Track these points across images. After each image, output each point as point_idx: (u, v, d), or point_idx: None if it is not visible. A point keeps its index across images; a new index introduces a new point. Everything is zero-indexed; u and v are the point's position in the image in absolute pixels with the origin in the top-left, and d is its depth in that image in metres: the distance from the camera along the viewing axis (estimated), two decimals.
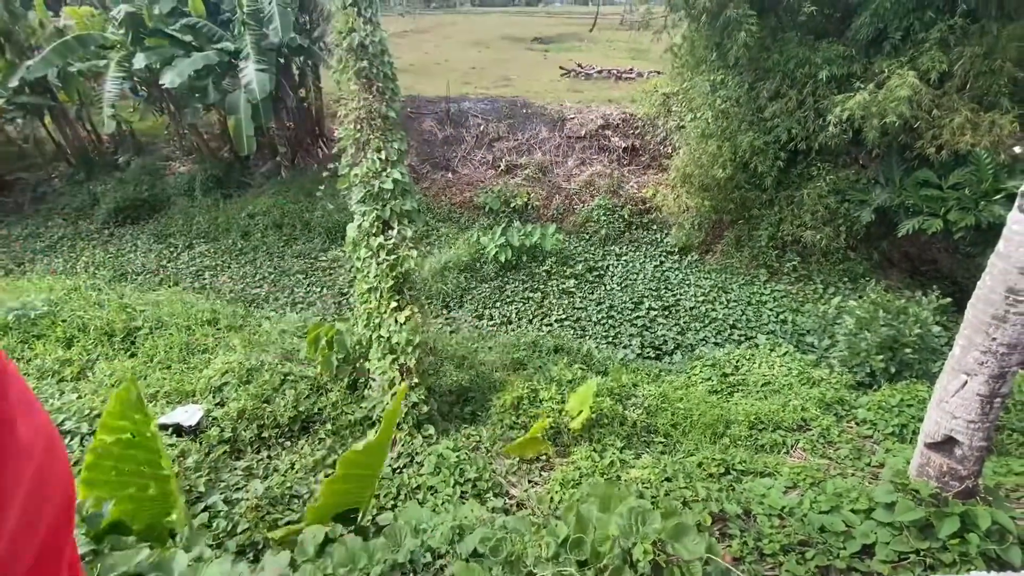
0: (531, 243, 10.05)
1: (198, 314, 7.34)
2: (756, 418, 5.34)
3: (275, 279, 10.53)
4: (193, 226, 12.32)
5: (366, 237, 5.23)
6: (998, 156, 7.40)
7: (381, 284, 5.05)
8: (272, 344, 6.55)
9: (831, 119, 7.83)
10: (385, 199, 5.26)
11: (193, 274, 10.89)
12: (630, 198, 11.74)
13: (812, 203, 8.76)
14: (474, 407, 5.47)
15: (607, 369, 6.57)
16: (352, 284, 7.18)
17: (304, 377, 5.54)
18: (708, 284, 9.48)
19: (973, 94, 7.49)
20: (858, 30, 8.00)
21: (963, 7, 7.28)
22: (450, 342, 7.26)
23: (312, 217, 11.85)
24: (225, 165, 13.78)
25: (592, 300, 9.33)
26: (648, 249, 10.73)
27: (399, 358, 4.78)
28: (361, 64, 5.44)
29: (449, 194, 12.65)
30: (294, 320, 7.77)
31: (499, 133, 13.73)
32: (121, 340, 6.72)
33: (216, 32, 12.10)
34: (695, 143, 9.59)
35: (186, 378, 5.73)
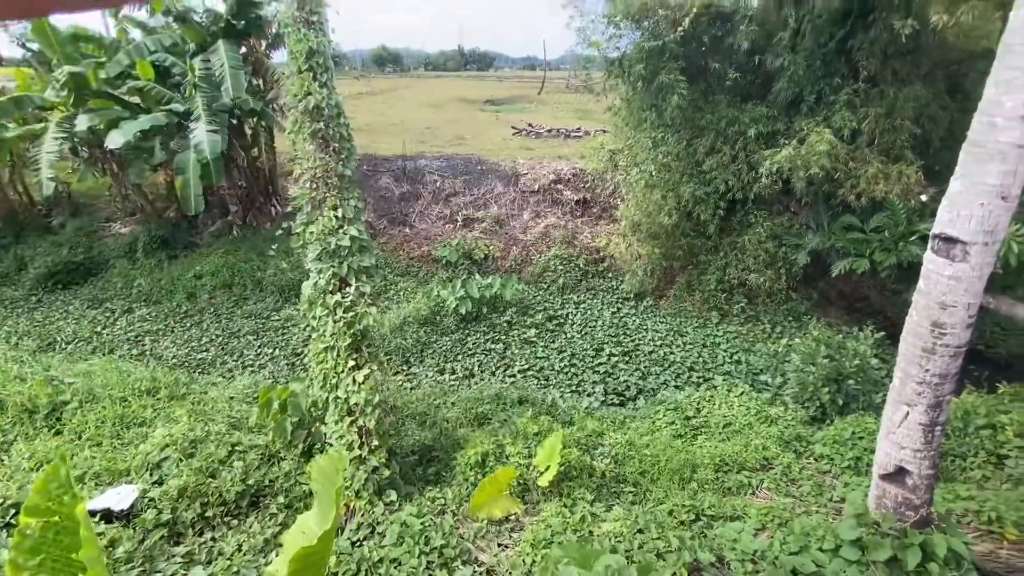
0: (491, 294, 10.10)
1: (135, 384, 6.83)
2: (721, 460, 5.39)
3: (223, 342, 10.02)
4: (133, 289, 11.68)
5: (322, 295, 5.11)
6: (909, 202, 8.21)
7: (338, 343, 4.90)
8: (219, 412, 6.15)
9: (762, 171, 8.51)
10: (342, 256, 5.21)
11: (131, 340, 10.21)
12: (585, 248, 12.12)
13: (753, 248, 9.34)
14: (438, 467, 5.26)
15: (572, 419, 6.52)
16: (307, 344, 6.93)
17: (254, 446, 5.19)
18: (664, 328, 9.75)
19: (881, 148, 8.37)
20: (778, 94, 8.88)
21: (864, 74, 8.26)
22: (411, 399, 7.04)
23: (264, 276, 11.51)
24: (171, 225, 13.33)
25: (554, 348, 9.37)
26: (605, 296, 11.00)
27: (358, 420, 4.57)
28: (317, 125, 5.52)
29: (407, 248, 12.67)
30: (244, 385, 7.36)
31: (455, 188, 14.05)
32: (45, 417, 6.12)
33: (165, 94, 12.03)
34: (640, 193, 10.14)
35: (119, 455, 5.24)
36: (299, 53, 5.69)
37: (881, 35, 7.80)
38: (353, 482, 4.45)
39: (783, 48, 8.57)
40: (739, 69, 9.09)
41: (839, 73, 8.57)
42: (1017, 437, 5.22)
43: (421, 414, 6.31)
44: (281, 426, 5.15)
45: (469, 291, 10.01)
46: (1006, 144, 2.83)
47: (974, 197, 2.96)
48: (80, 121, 11.31)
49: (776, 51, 8.65)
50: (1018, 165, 2.85)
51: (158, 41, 12.15)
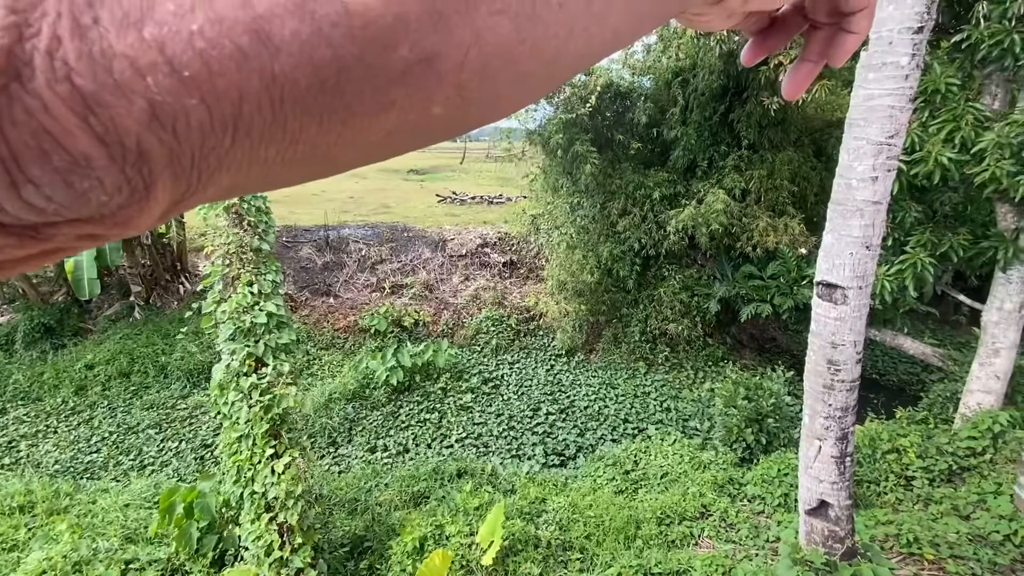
0: (423, 361, 9.84)
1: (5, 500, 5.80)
2: (663, 512, 5.40)
3: (118, 439, 8.85)
4: (9, 386, 10.17)
5: (236, 378, 4.73)
6: (797, 250, 9.21)
7: (254, 430, 4.50)
8: (111, 524, 5.33)
9: (670, 229, 9.25)
10: (258, 334, 4.90)
11: (3, 447, 8.75)
12: (515, 307, 12.29)
13: (669, 299, 9.94)
14: (371, 559, 4.82)
15: (514, 486, 6.32)
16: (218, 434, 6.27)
17: (153, 561, 4.51)
18: (597, 382, 9.92)
19: (767, 205, 9.44)
20: (676, 160, 9.87)
21: (745, 141, 9.43)
22: (339, 485, 6.52)
23: (170, 360, 10.50)
24: (59, 311, 11.95)
25: (491, 412, 9.18)
26: (538, 354, 11.09)
27: (277, 516, 4.14)
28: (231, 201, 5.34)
29: (332, 319, 12.17)
30: (141, 488, 6.48)
31: (381, 256, 13.92)
32: None
33: None
34: (563, 254, 10.60)
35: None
36: None
37: (755, 109, 9.03)
38: None
39: (675, 121, 9.64)
40: (640, 140, 10.06)
41: (725, 141, 9.73)
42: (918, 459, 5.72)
43: (351, 500, 5.83)
44: (186, 533, 4.53)
45: (400, 360, 9.69)
46: (862, 202, 3.30)
47: (844, 248, 3.39)
48: None
49: (670, 124, 9.71)
50: (875, 219, 3.32)
51: None
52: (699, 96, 9.42)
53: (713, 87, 9.23)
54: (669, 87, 9.71)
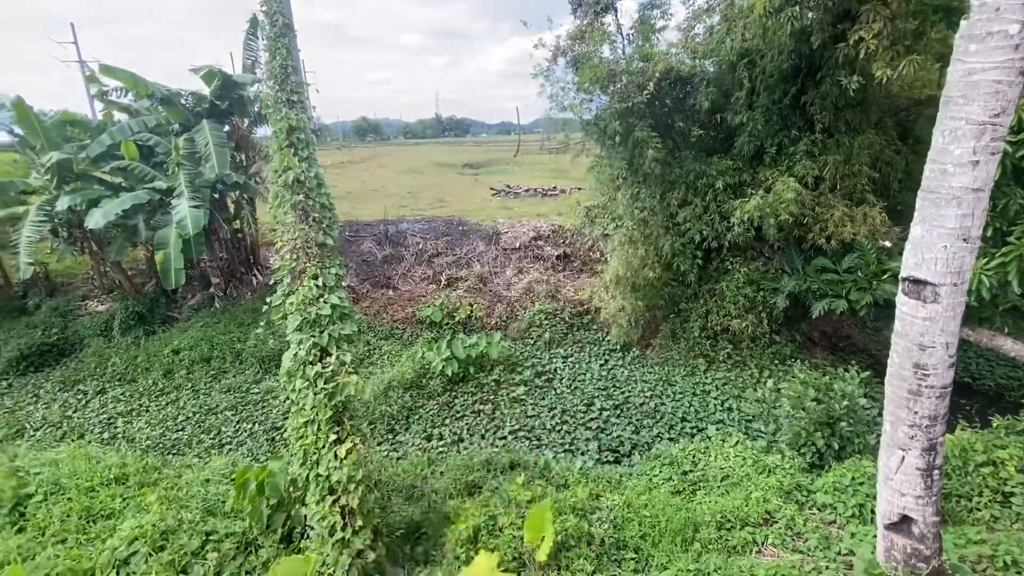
0: (477, 353, 9.97)
1: (103, 472, 6.45)
2: (723, 516, 5.18)
3: (200, 419, 9.62)
4: (108, 368, 11.30)
5: (302, 366, 4.98)
6: (877, 242, 8.49)
7: (319, 416, 4.72)
8: (193, 497, 5.79)
9: (734, 220, 8.79)
10: (323, 325, 5.13)
11: (103, 423, 9.75)
12: (568, 301, 12.18)
13: (732, 294, 9.48)
14: (427, 545, 4.95)
15: (567, 481, 6.28)
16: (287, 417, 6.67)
17: (230, 534, 4.86)
18: (653, 378, 9.66)
19: (844, 193, 8.76)
20: (741, 147, 9.35)
21: (819, 125, 8.76)
22: (397, 471, 6.74)
23: (244, 347, 11.26)
24: (150, 300, 13.12)
25: (544, 406, 9.17)
26: (592, 349, 10.94)
27: (340, 498, 4.33)
28: (297, 198, 5.60)
29: (391, 311, 12.59)
30: (220, 465, 6.99)
31: (437, 249, 14.21)
32: (8, 512, 5.70)
33: (149, 173, 12.21)
34: (622, 249, 10.35)
35: (85, 552, 4.85)
36: (280, 131, 5.87)
37: (831, 90, 8.36)
38: (336, 569, 4.15)
39: (741, 106, 9.11)
40: (702, 126, 9.60)
41: (796, 126, 9.10)
42: (1020, 473, 5.14)
43: (408, 487, 6.02)
44: (258, 510, 4.85)
45: (455, 351, 9.88)
46: (960, 189, 2.96)
47: (936, 240, 3.06)
48: (60, 202, 11.36)
49: (735, 109, 9.19)
50: (974, 208, 2.98)
51: (142, 122, 12.48)
52: (767, 78, 8.85)
53: (783, 68, 8.64)
54: (734, 70, 9.18)
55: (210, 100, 12.74)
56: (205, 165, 11.83)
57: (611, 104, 9.37)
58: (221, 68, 12.64)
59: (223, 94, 12.75)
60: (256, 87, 13.19)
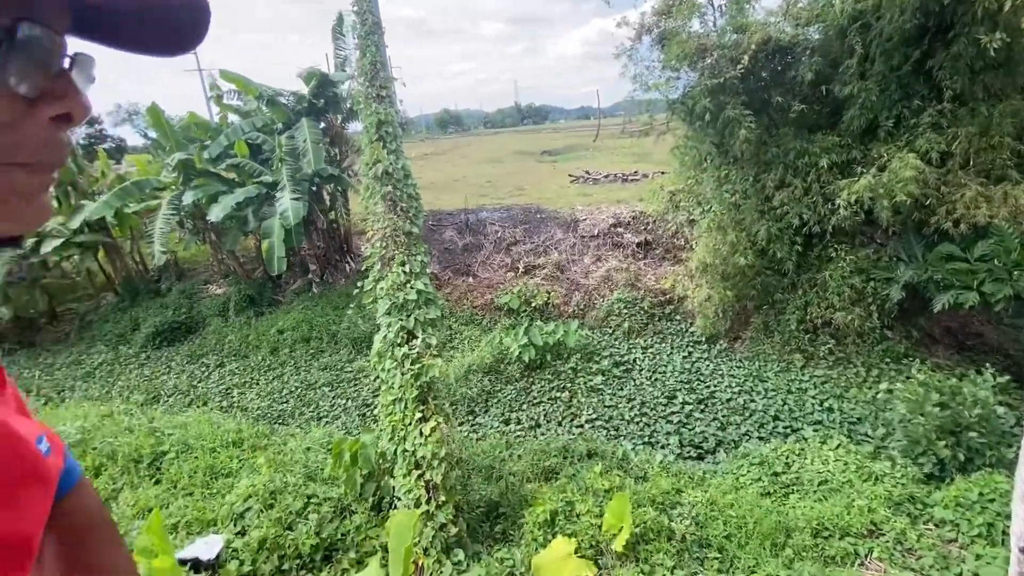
0: (554, 341, 9.98)
1: (223, 435, 7.28)
2: (819, 523, 4.81)
3: (301, 393, 10.54)
4: (225, 345, 12.69)
5: (391, 348, 5.28)
6: (1020, 226, 7.32)
7: (406, 395, 4.99)
8: (296, 463, 6.38)
9: (840, 203, 7.98)
10: (409, 309, 5.39)
11: (222, 393, 11.00)
12: (649, 290, 11.79)
13: (836, 284, 8.64)
14: (505, 524, 5.08)
15: (647, 473, 6.14)
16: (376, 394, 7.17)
17: (328, 499, 5.30)
18: (742, 373, 9.11)
19: (979, 169, 7.62)
20: (850, 122, 8.43)
21: (949, 93, 7.66)
22: (477, 451, 6.96)
23: (339, 329, 12.13)
24: (258, 285, 14.53)
25: (622, 396, 9.00)
26: (674, 340, 10.53)
27: (424, 474, 4.56)
28: (386, 188, 5.90)
29: (471, 297, 12.93)
30: (319, 436, 7.63)
31: (516, 237, 14.33)
32: (147, 466, 6.64)
33: (257, 169, 13.44)
34: (709, 235, 9.80)
35: (208, 505, 5.53)
36: (370, 125, 6.20)
37: (965, 51, 7.26)
38: (421, 539, 4.38)
39: (851, 75, 8.18)
40: (804, 100, 8.76)
41: (919, 94, 8.02)
42: None
43: (487, 467, 6.20)
44: (352, 479, 5.24)
45: (532, 338, 9.96)
46: None
47: None
48: (186, 197, 12.85)
49: (843, 79, 8.28)
50: None
51: (252, 123, 13.73)
52: (884, 42, 7.86)
53: (905, 29, 7.62)
54: (843, 36, 8.26)
55: (308, 99, 13.72)
56: (303, 160, 12.78)
57: (700, 81, 8.84)
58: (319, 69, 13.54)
59: (320, 92, 13.67)
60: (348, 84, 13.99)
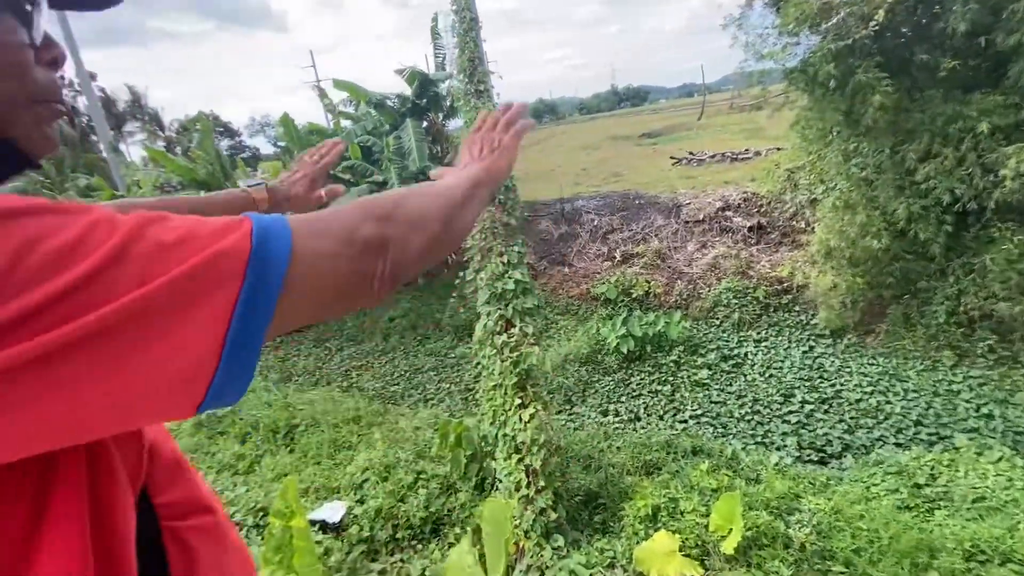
0: (655, 332, 9.64)
1: (345, 412, 8.04)
2: (973, 545, 4.16)
3: (409, 376, 11.29)
4: (344, 331, 13.96)
5: (491, 336, 5.46)
6: None
7: (505, 381, 5.14)
8: (407, 441, 6.87)
9: (1005, 173, 6.74)
10: (508, 299, 5.52)
11: (342, 374, 12.14)
12: (763, 278, 10.89)
13: (1000, 270, 7.32)
14: (605, 515, 5.05)
15: (759, 475, 5.73)
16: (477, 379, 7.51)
17: (435, 476, 5.65)
18: (875, 371, 8.11)
19: None
20: (1018, 77, 7.04)
21: None
22: (575, 440, 6.97)
23: (442, 318, 12.78)
24: None
25: (731, 392, 8.46)
26: (792, 333, 9.64)
27: (524, 459, 4.68)
28: None
29: (566, 287, 12.90)
30: (426, 416, 8.14)
31: (612, 225, 13.99)
32: (283, 436, 7.55)
33: (368, 169, 14.53)
34: (835, 214, 8.80)
35: (332, 474, 6.16)
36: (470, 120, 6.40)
37: None
38: (522, 521, 4.51)
39: (1018, 21, 6.82)
40: (956, 56, 7.48)
41: None
42: None
43: (585, 457, 6.19)
44: (457, 459, 5.52)
45: (631, 329, 9.70)
46: None
47: None
48: None
49: (1008, 27, 6.92)
50: None
51: (363, 127, 14.84)
52: None
53: None
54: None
55: (411, 100, 14.50)
56: (409, 159, 13.57)
57: (823, 45, 7.92)
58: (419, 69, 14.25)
59: (422, 92, 14.38)
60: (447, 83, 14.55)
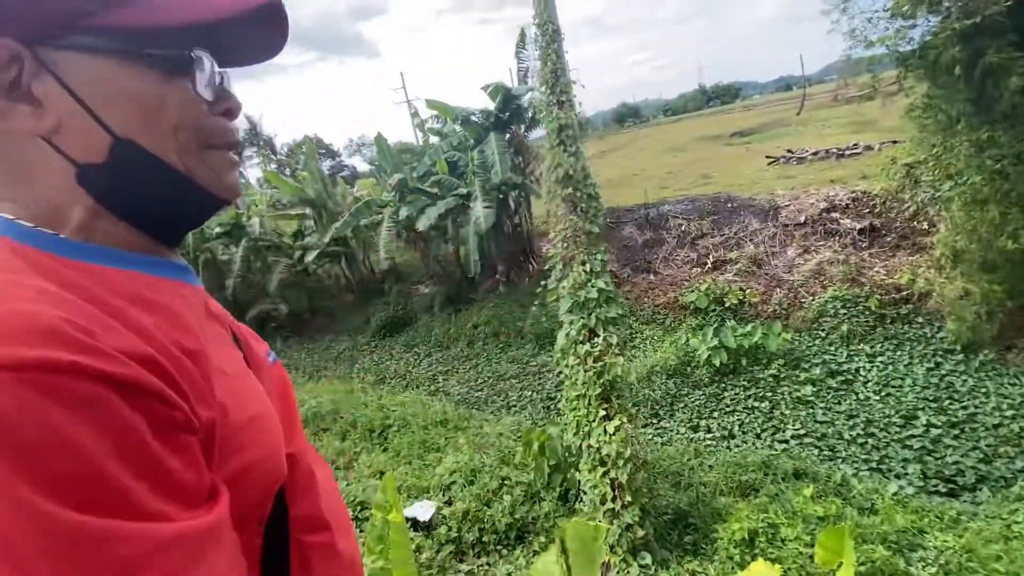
0: (751, 344, 9.03)
1: (433, 415, 8.40)
2: None
3: (492, 383, 11.53)
4: (431, 337, 14.60)
5: (574, 345, 5.45)
6: None
7: (589, 391, 5.10)
8: (491, 446, 7.03)
9: None
10: (591, 308, 5.49)
11: (429, 379, 12.68)
12: (877, 285, 9.81)
13: None
14: (695, 536, 4.82)
15: (874, 505, 5.16)
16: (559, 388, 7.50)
17: (519, 483, 5.73)
18: (1018, 393, 6.98)
19: None
20: None
21: None
22: (662, 456, 6.72)
23: (524, 325, 12.93)
24: (457, 285, 16.35)
25: (840, 412, 7.70)
26: (913, 347, 8.58)
27: (609, 472, 4.60)
28: (567, 191, 6.10)
29: (652, 296, 12.50)
30: (509, 423, 8.27)
31: (702, 230, 13.35)
32: (377, 435, 8.05)
33: (455, 183, 15.14)
34: (961, 212, 7.75)
35: (423, 474, 6.47)
36: (552, 131, 6.47)
37: None
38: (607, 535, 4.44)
39: None
40: None
41: None
42: None
43: (674, 473, 5.95)
44: (540, 468, 5.56)
45: (723, 340, 9.17)
46: None
47: None
48: (401, 211, 15.15)
49: None
50: None
51: (449, 143, 15.52)
52: None
53: None
54: None
55: (495, 114, 14.91)
56: (492, 172, 13.95)
57: (946, 25, 7.06)
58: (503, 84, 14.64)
59: (505, 106, 14.74)
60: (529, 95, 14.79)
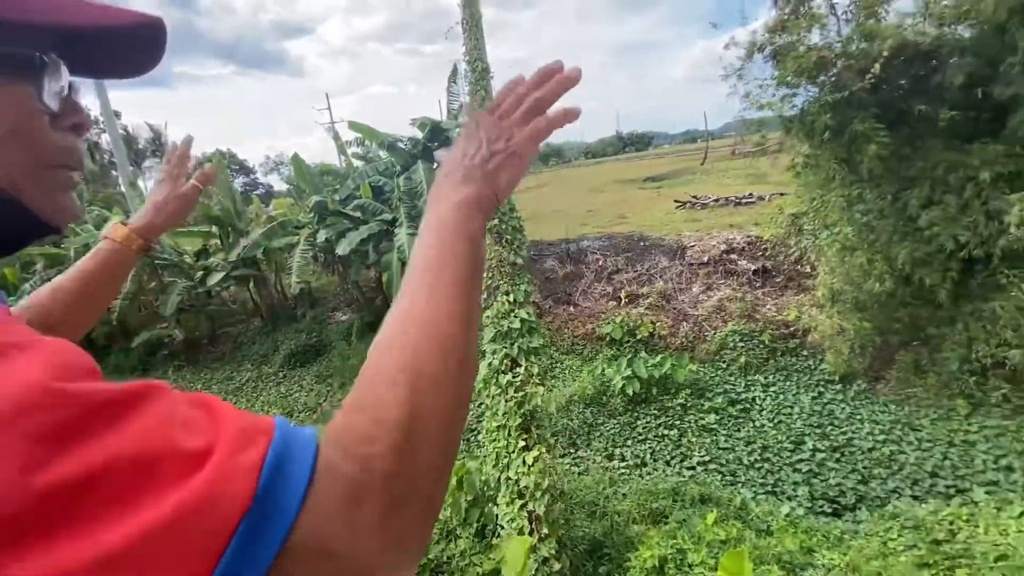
0: (661, 374, 9.51)
1: None
2: None
3: None
4: (347, 367, 13.87)
5: (496, 375, 5.41)
6: None
7: (509, 422, 5.05)
8: None
9: (1010, 220, 6.79)
10: (513, 338, 5.51)
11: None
12: (770, 321, 10.83)
13: (1010, 317, 7.25)
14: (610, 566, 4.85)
15: (769, 527, 5.52)
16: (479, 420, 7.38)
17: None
18: (887, 419, 7.92)
19: None
20: (1017, 127, 7.21)
21: None
22: (579, 486, 6.77)
23: None
24: (378, 312, 15.79)
25: (739, 438, 8.26)
26: (800, 378, 9.50)
27: (527, 503, 4.54)
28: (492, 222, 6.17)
29: (572, 327, 12.86)
30: None
31: (618, 266, 14.07)
32: None
33: (379, 208, 14.82)
34: (836, 257, 8.84)
35: None
36: None
37: None
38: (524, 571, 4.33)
39: (1016, 74, 7.04)
40: (955, 107, 7.69)
41: None
42: None
43: (590, 503, 6.00)
44: (457, 503, 5.36)
45: (636, 370, 9.58)
46: None
47: None
48: (320, 235, 14.50)
49: (1006, 79, 7.15)
50: None
51: (374, 167, 15.26)
52: None
53: None
54: (1002, 32, 7.18)
55: (423, 143, 14.95)
56: (419, 200, 13.85)
57: (821, 96, 8.18)
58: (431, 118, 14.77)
59: (433, 137, 14.83)
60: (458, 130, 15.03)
